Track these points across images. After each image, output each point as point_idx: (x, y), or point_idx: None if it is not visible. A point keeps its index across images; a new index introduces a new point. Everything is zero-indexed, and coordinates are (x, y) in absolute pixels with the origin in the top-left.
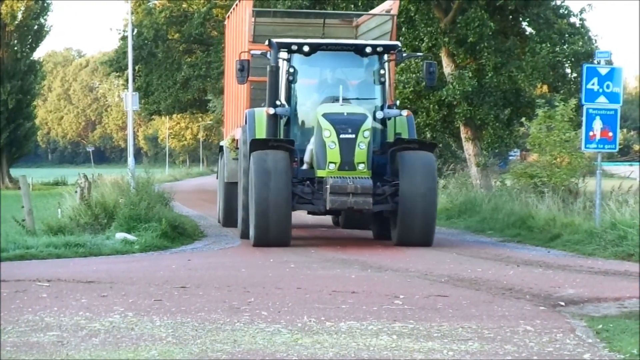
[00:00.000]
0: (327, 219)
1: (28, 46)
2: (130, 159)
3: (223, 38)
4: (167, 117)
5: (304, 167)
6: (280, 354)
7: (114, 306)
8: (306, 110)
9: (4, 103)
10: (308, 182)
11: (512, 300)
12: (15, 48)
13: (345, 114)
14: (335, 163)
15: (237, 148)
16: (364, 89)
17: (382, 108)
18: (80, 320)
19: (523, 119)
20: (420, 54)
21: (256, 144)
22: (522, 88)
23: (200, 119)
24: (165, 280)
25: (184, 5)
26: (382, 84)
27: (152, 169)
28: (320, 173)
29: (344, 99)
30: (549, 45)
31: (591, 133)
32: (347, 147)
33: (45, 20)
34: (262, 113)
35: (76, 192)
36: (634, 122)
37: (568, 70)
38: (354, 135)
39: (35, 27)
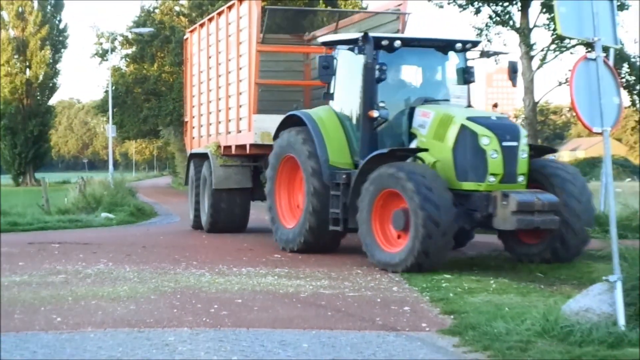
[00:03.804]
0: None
1: (46, 96)
2: (111, 167)
3: (183, 54)
4: (134, 140)
5: None
6: (205, 288)
7: (100, 259)
8: (392, 114)
9: (31, 132)
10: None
11: (350, 254)
12: (38, 97)
13: (495, 118)
14: (497, 175)
15: (224, 155)
16: (450, 89)
17: None
18: (79, 268)
19: None
20: (507, 51)
21: (383, 156)
22: None
23: (154, 142)
24: (132, 243)
25: (144, 71)
26: (469, 83)
27: (124, 173)
28: (467, 186)
29: (433, 101)
30: None
31: None
32: (510, 156)
33: (57, 80)
34: (323, 114)
35: (76, 187)
36: None
37: None
38: (516, 143)
39: (50, 84)
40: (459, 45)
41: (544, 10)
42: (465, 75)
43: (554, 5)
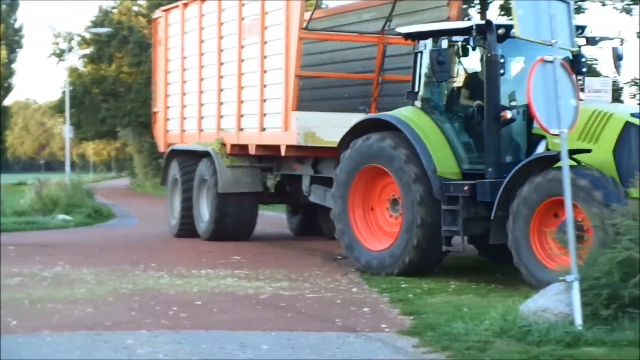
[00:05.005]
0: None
1: (1, 97)
2: (68, 168)
3: (153, 36)
4: (91, 141)
5: None
6: (163, 290)
7: (57, 261)
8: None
9: None
10: None
11: (310, 256)
12: None
13: None
14: None
15: (231, 154)
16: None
17: None
18: (35, 270)
19: None
20: (613, 37)
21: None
22: None
23: (112, 143)
24: (90, 244)
25: (102, 72)
26: (581, 74)
27: (81, 175)
28: (637, 193)
29: None
30: None
31: None
32: None
33: (12, 80)
34: (414, 117)
35: (32, 189)
36: None
37: None
38: None
39: (6, 85)
40: None
41: (503, 12)
42: (575, 66)
43: (512, 8)
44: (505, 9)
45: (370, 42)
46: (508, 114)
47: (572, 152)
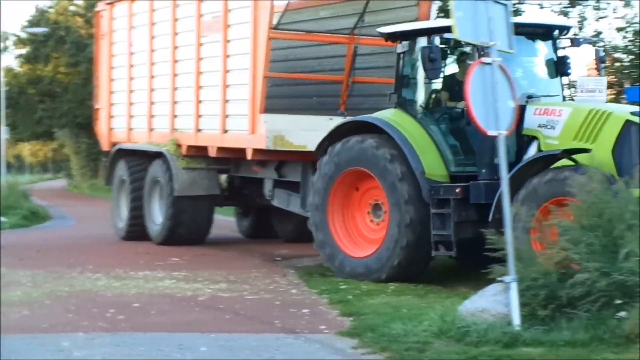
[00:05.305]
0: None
1: None
2: (3, 169)
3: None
4: (27, 142)
5: None
6: (101, 292)
7: None
8: None
9: None
10: None
11: (249, 257)
12: None
13: None
14: None
15: (187, 155)
16: (545, 83)
17: None
18: None
19: None
20: (596, 39)
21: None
22: None
23: (48, 144)
24: (26, 247)
25: (38, 72)
26: (567, 75)
27: (17, 176)
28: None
29: (535, 97)
30: None
31: None
32: None
33: None
34: (398, 119)
35: None
36: None
37: None
38: None
39: None
40: (556, 31)
41: (442, 14)
42: (561, 67)
43: (451, 10)
44: (444, 11)
45: (340, 42)
46: None
47: (570, 152)
